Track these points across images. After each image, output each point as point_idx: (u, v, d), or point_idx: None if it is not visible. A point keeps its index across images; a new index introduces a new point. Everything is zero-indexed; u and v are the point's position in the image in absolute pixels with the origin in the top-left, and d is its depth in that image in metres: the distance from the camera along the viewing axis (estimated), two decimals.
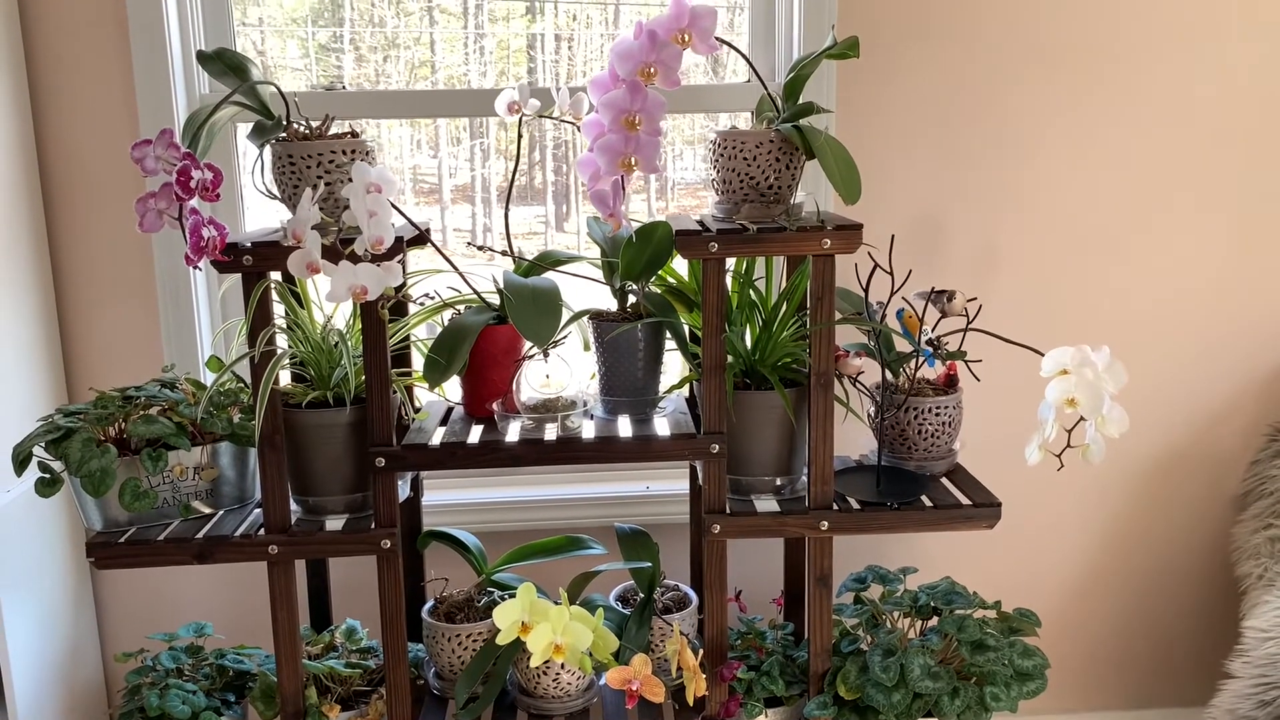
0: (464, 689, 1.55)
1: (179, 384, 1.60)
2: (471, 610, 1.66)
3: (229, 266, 1.37)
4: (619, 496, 1.99)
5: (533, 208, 2.13)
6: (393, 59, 2.03)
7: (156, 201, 1.28)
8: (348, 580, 1.91)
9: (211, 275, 1.90)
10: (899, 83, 1.90)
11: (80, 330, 1.88)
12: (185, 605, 1.99)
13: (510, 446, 1.48)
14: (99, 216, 1.84)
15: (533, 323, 1.42)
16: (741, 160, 1.44)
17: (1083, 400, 1.41)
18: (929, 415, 1.60)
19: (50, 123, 1.81)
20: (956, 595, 1.63)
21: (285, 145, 1.43)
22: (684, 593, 1.73)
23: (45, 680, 1.78)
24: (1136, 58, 1.93)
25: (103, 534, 1.49)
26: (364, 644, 1.70)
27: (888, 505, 1.52)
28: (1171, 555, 2.13)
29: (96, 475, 1.43)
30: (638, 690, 1.45)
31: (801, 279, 1.53)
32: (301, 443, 1.49)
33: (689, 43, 1.31)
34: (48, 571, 1.81)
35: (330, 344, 1.50)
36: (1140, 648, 2.17)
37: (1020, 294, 1.99)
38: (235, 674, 1.67)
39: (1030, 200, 1.97)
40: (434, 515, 1.93)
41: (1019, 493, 2.00)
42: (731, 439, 1.52)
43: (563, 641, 1.45)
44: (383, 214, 1.28)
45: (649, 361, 1.56)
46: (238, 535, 1.48)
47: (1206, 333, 2.04)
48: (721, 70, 2.07)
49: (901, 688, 1.49)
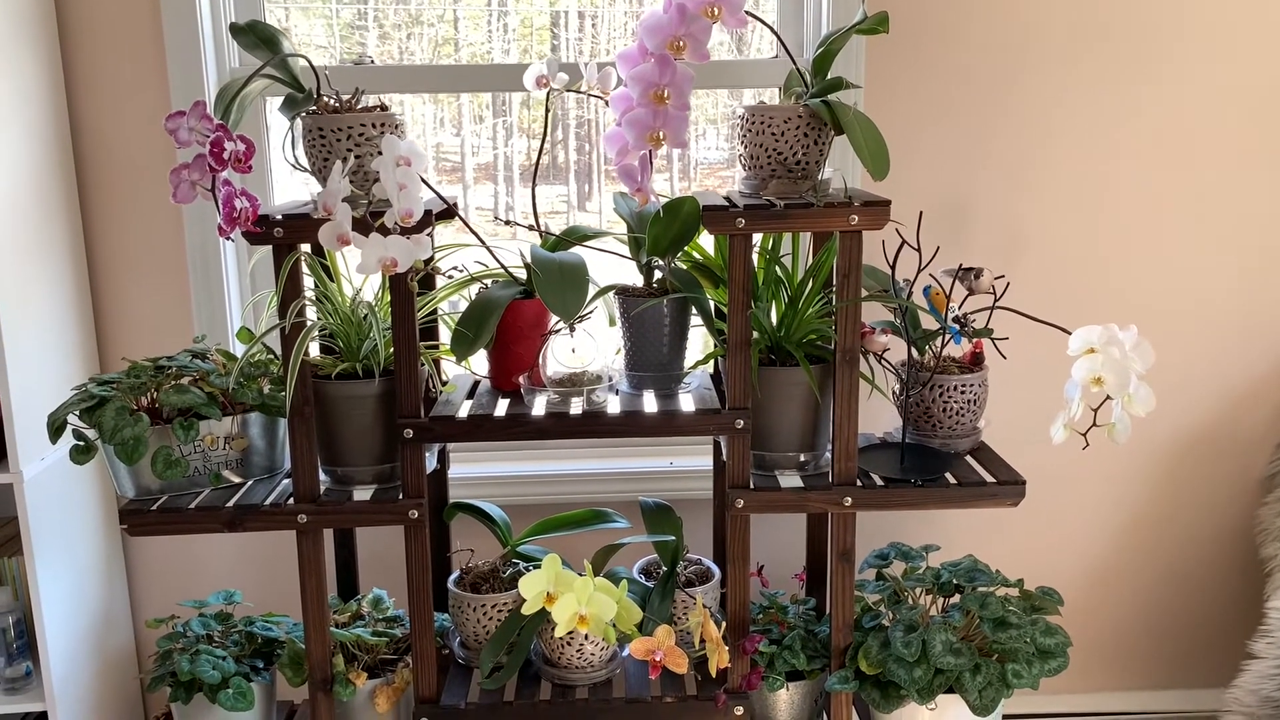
0: (489, 658, 1.57)
1: (210, 355, 1.61)
2: (496, 581, 1.68)
3: (260, 238, 1.39)
4: (643, 471, 2.00)
5: (555, 187, 2.13)
6: (416, 36, 2.03)
7: (190, 173, 1.29)
8: (374, 551, 1.94)
9: (241, 248, 1.91)
10: (928, 58, 1.89)
11: (113, 302, 1.90)
12: (215, 573, 2.02)
13: (536, 420, 1.50)
14: (131, 190, 1.86)
15: (560, 297, 1.42)
16: (770, 135, 1.44)
17: (1109, 379, 1.40)
18: (954, 393, 1.60)
19: (83, 98, 1.83)
20: (979, 573, 1.63)
21: (316, 118, 1.44)
22: (706, 566, 1.74)
23: (78, 645, 1.82)
24: (1169, 36, 1.90)
25: (135, 501, 1.51)
26: (390, 613, 1.72)
27: (911, 482, 1.52)
28: (1196, 536, 2.12)
29: (129, 443, 1.46)
30: (661, 661, 1.46)
31: (828, 255, 1.53)
32: (330, 413, 1.50)
33: (719, 16, 1.31)
34: (81, 538, 1.84)
35: (359, 316, 1.52)
36: (1163, 628, 2.17)
37: (1047, 272, 1.98)
38: (264, 641, 1.70)
39: (1059, 178, 1.95)
40: (460, 488, 1.94)
41: (1044, 471, 1.99)
42: (756, 415, 1.52)
43: (587, 612, 1.46)
44: (412, 187, 1.29)
45: (674, 337, 1.57)
46: (267, 504, 1.50)
47: (1234, 314, 2.02)
48: (746, 49, 2.06)
49: (923, 663, 1.49)
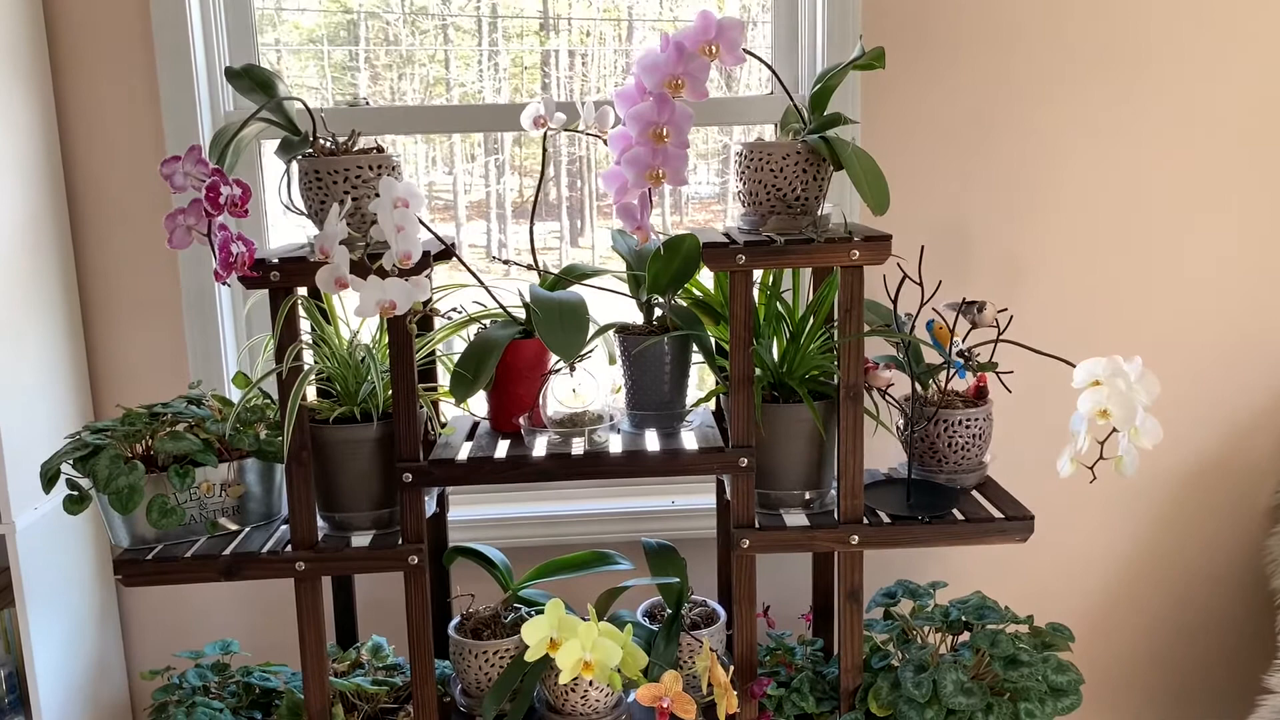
0: (491, 706, 1.54)
1: (205, 401, 1.60)
2: (498, 627, 1.65)
3: (256, 282, 1.37)
4: (645, 511, 1.98)
5: (548, 223, 2.13)
6: (408, 76, 2.04)
7: (185, 218, 1.28)
8: (373, 597, 1.91)
9: (237, 292, 1.90)
10: (925, 93, 1.89)
11: (106, 348, 1.89)
12: (211, 622, 1.98)
13: (537, 461, 1.48)
14: (125, 235, 1.85)
15: (560, 337, 1.41)
16: (768, 172, 1.43)
17: (1115, 412, 1.39)
18: (959, 428, 1.58)
19: (77, 143, 1.82)
20: (988, 610, 1.60)
21: (312, 161, 1.43)
22: (712, 608, 1.71)
23: (71, 697, 1.78)
24: (1165, 66, 1.91)
25: (130, 551, 1.49)
26: (390, 661, 1.69)
27: (918, 519, 1.50)
28: (1205, 568, 2.10)
29: (124, 492, 1.43)
30: (669, 708, 1.43)
31: (829, 290, 1.52)
32: (328, 458, 1.48)
33: (717, 54, 1.30)
34: (74, 588, 1.81)
35: (357, 359, 1.50)
36: (1175, 662, 2.14)
37: (1050, 304, 1.98)
38: (262, 691, 1.66)
39: (1060, 209, 1.95)
40: (460, 531, 1.92)
41: (1051, 505, 1.98)
42: (760, 452, 1.51)
43: (592, 658, 1.43)
44: (410, 228, 1.28)
45: (676, 375, 1.55)
46: (265, 552, 1.48)
47: (1238, 342, 2.01)
48: (735, 85, 2.06)
49: (934, 704, 1.46)
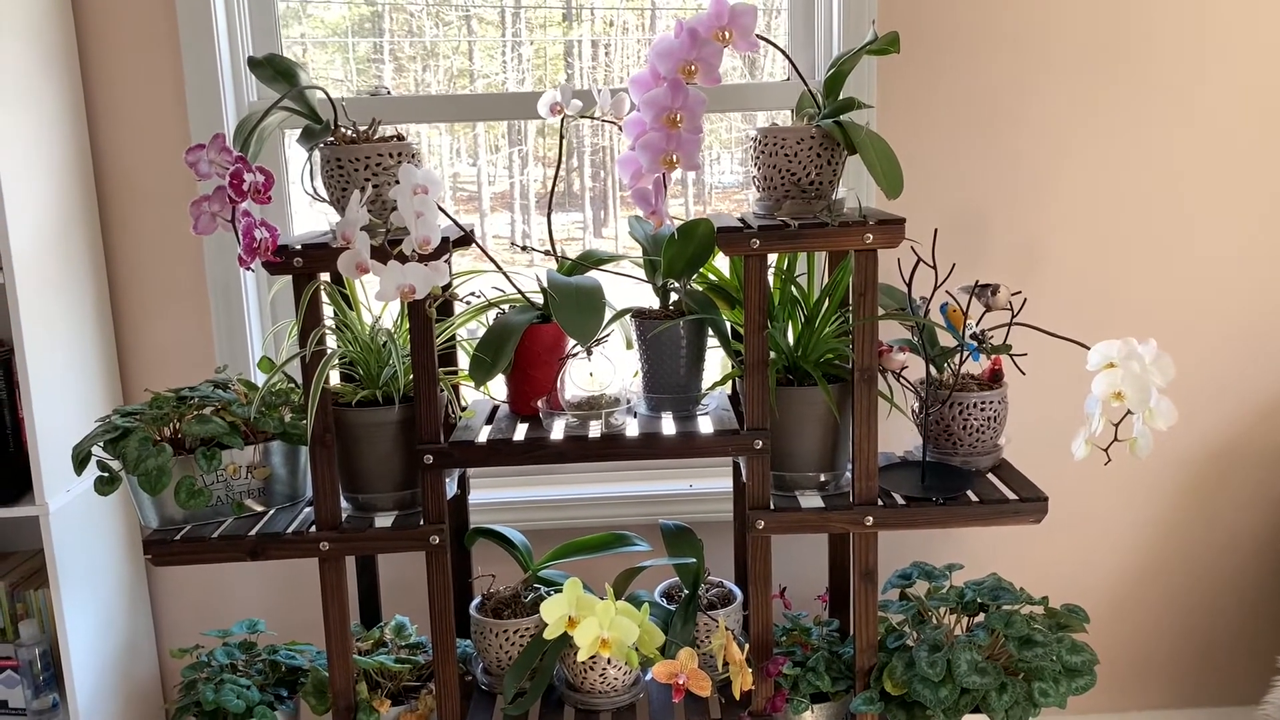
0: (512, 684, 1.56)
1: (231, 385, 1.63)
2: (518, 606, 1.68)
3: (280, 268, 1.40)
4: (662, 494, 2.00)
5: (570, 214, 2.14)
6: (431, 68, 2.06)
7: (210, 204, 1.31)
8: (396, 578, 1.94)
9: (261, 278, 1.93)
10: (939, 77, 1.90)
11: (135, 334, 1.92)
12: (238, 602, 2.02)
13: (555, 443, 1.50)
14: (152, 223, 1.89)
15: (577, 321, 1.43)
16: (783, 156, 1.44)
17: (1130, 394, 1.39)
18: (974, 410, 1.59)
19: (104, 132, 1.86)
20: (1003, 591, 1.62)
21: (334, 149, 1.45)
22: (728, 589, 1.74)
23: (103, 675, 1.83)
24: (1181, 52, 1.91)
25: (159, 531, 1.53)
26: (413, 640, 1.72)
27: (933, 501, 1.52)
28: (1221, 550, 2.10)
29: (153, 473, 1.47)
30: (684, 684, 1.45)
31: (844, 274, 1.53)
32: (351, 441, 1.51)
33: (730, 40, 1.31)
34: (106, 569, 1.85)
35: (379, 344, 1.53)
36: (1191, 644, 2.14)
37: (1064, 287, 1.98)
38: (287, 669, 1.70)
39: (1074, 192, 1.95)
40: (480, 513, 1.95)
41: (1066, 487, 1.98)
42: (775, 435, 1.52)
43: (609, 636, 1.46)
44: (429, 214, 1.30)
45: (691, 359, 1.57)
46: (290, 532, 1.51)
47: (1255, 324, 2.01)
48: (758, 72, 2.07)
49: (949, 683, 1.48)
